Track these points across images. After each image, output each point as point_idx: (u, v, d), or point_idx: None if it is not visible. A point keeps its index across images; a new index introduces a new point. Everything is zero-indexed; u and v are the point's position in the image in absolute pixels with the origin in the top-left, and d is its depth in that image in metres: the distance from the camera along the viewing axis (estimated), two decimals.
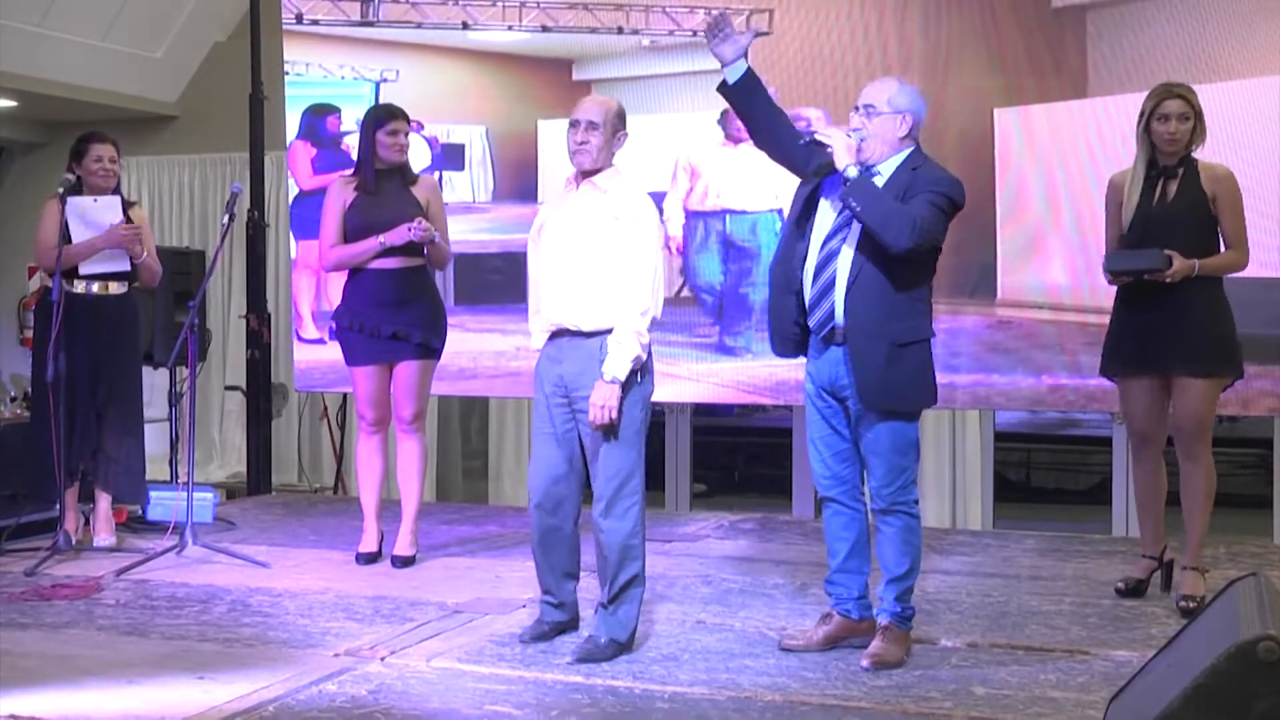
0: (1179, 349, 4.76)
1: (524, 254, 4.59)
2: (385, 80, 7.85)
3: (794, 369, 6.97)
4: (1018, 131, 6.73)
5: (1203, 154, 4.92)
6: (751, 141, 4.48)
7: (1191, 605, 4.71)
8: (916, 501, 4.26)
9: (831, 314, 4.15)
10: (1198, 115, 4.81)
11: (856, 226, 4.10)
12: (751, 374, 7.17)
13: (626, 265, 4.24)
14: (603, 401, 4.20)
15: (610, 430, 4.23)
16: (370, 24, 7.77)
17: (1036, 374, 6.57)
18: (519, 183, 7.60)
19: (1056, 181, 6.63)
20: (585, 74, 7.82)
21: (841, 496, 4.33)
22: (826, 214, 4.22)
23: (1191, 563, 4.90)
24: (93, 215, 5.83)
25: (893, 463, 4.17)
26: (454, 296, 7.54)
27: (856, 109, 4.23)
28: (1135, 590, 5.05)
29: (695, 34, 7.53)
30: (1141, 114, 4.87)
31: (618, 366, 4.20)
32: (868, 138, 4.17)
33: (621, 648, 4.31)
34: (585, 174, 4.35)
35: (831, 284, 4.14)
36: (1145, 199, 4.84)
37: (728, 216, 7.16)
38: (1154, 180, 4.86)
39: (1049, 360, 6.56)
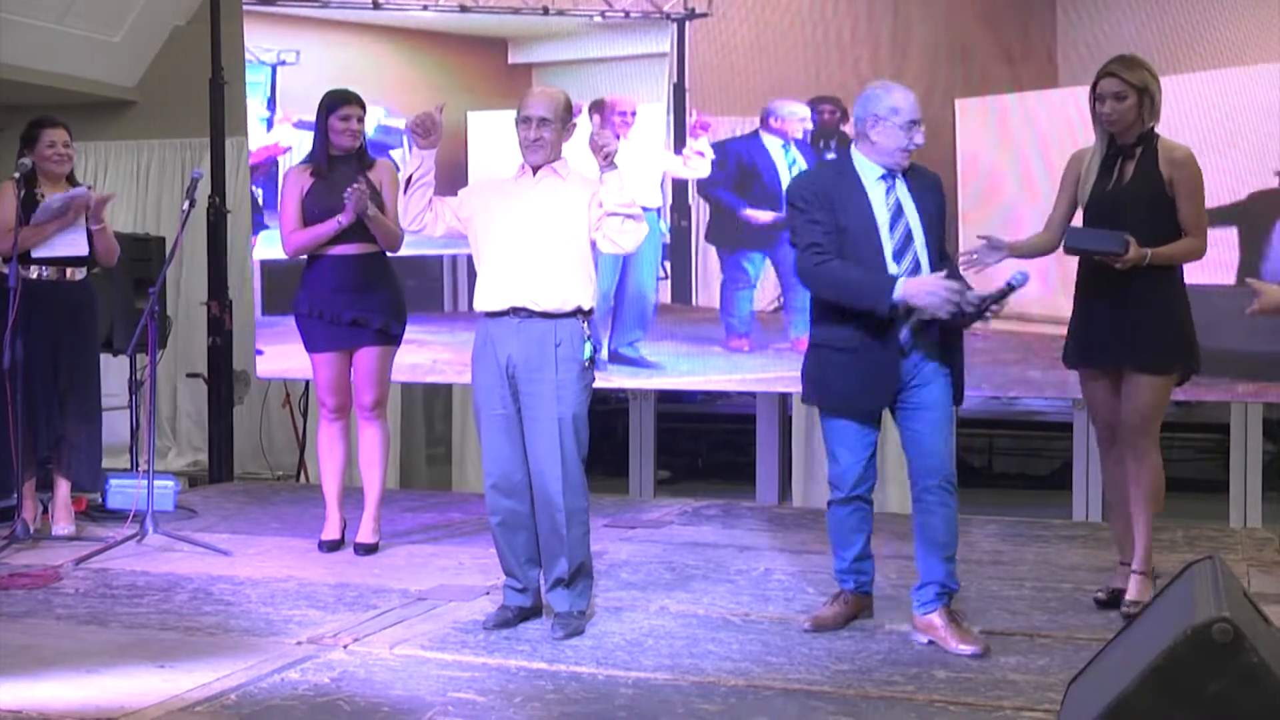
0: (1127, 343, 4.59)
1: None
2: (283, 63, 7.72)
3: (764, 361, 7.08)
4: (986, 123, 6.72)
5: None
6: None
7: (1134, 612, 4.36)
8: None
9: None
10: (1140, 91, 4.58)
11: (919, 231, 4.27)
12: (715, 362, 7.22)
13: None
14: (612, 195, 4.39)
15: (558, 400, 4.36)
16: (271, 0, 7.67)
17: (1004, 364, 6.61)
18: (446, 181, 7.22)
19: (1032, 172, 6.59)
20: (524, 56, 7.68)
21: (868, 493, 4.40)
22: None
23: (1139, 566, 4.67)
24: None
25: (950, 440, 4.32)
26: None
27: (918, 125, 4.28)
28: (1115, 600, 4.76)
29: (627, 15, 7.48)
30: (1089, 93, 4.70)
31: (613, 194, 4.40)
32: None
33: (586, 615, 4.52)
34: (538, 167, 4.46)
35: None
36: (1102, 180, 4.67)
37: None
38: (1112, 160, 4.68)
39: (1014, 349, 6.60)
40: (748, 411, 8.22)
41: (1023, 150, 6.66)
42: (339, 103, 5.62)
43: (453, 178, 7.19)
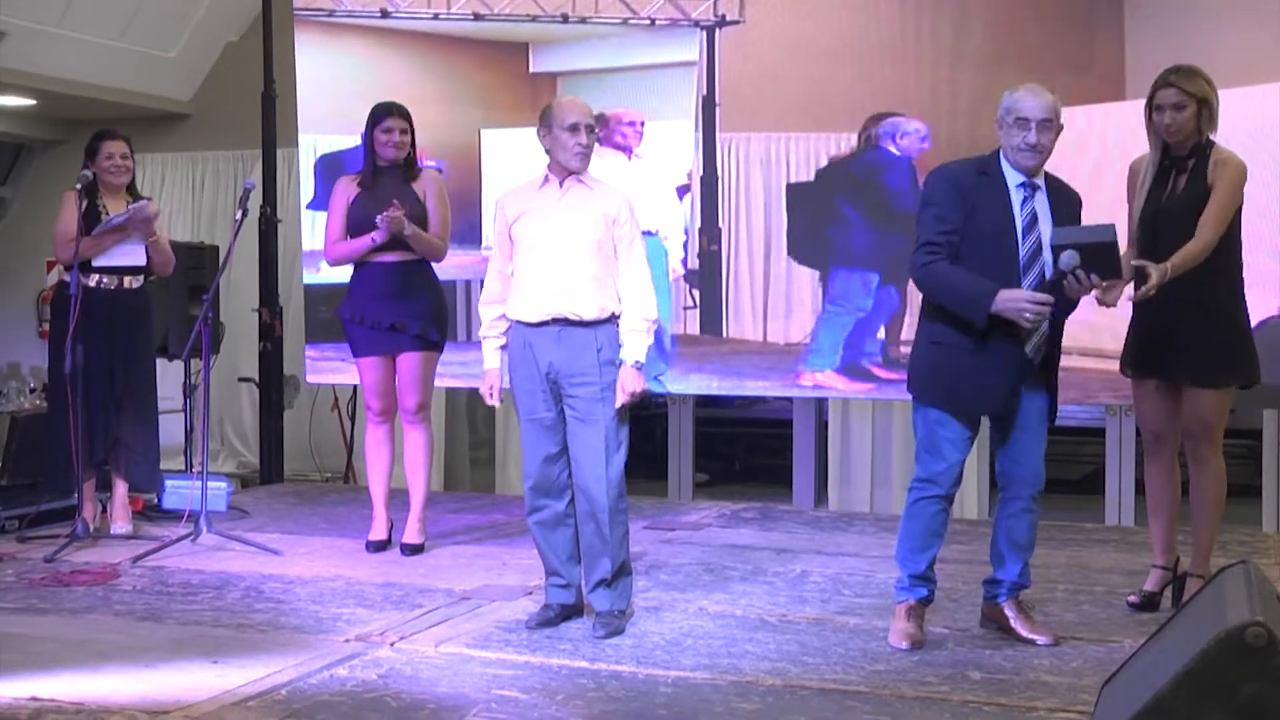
0: (1184, 357, 4.49)
1: None
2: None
3: (792, 362, 7.01)
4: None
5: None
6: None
7: None
8: None
9: None
10: (1199, 101, 4.47)
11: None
12: (753, 366, 7.14)
13: (630, 260, 4.46)
14: (633, 385, 4.39)
15: (624, 412, 4.41)
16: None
17: None
18: (457, 205, 6.43)
19: (1103, 185, 6.22)
20: (546, 65, 7.46)
21: (954, 494, 4.33)
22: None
23: (1198, 570, 4.64)
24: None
25: (1044, 452, 4.32)
26: None
27: (1028, 122, 4.14)
28: (1149, 603, 4.72)
29: (653, 22, 7.21)
30: (1146, 104, 4.60)
31: (638, 350, 4.42)
32: (1045, 152, 4.24)
33: (626, 615, 4.52)
34: (570, 171, 4.47)
35: None
36: (1155, 193, 4.58)
37: None
38: (1166, 172, 4.57)
39: None
40: (784, 416, 8.19)
41: (1090, 164, 6.32)
42: (383, 115, 5.65)
43: (466, 201, 7.18)
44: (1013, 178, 4.17)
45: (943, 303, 4.19)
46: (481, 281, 7.31)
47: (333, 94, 7.59)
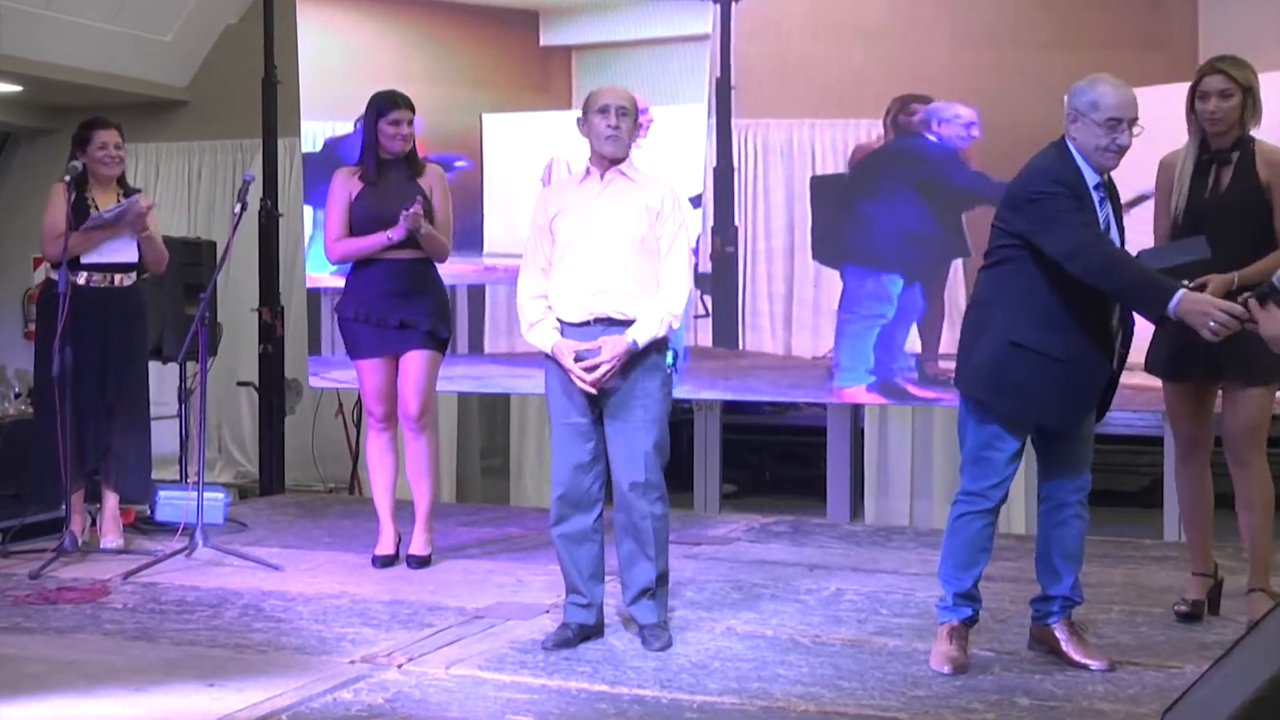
0: (1228, 354, 4.43)
1: None
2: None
3: (819, 378, 6.95)
4: None
5: None
6: None
7: None
8: None
9: None
10: (1246, 91, 4.47)
11: None
12: (773, 384, 7.06)
13: (671, 253, 4.50)
14: (612, 355, 4.37)
15: (597, 387, 4.39)
16: None
17: None
18: (459, 195, 6.47)
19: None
20: (559, 38, 7.33)
21: (1000, 507, 4.29)
22: None
23: (1259, 583, 4.62)
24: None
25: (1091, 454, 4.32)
26: None
27: (1120, 122, 4.02)
28: (1195, 612, 4.78)
29: None
30: (1189, 92, 4.59)
31: (641, 334, 4.41)
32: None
33: (668, 626, 4.58)
34: (611, 162, 4.50)
35: None
36: (1196, 188, 4.56)
37: None
38: (1206, 166, 4.57)
39: None
40: (817, 423, 8.17)
41: (1157, 152, 6.21)
42: (389, 106, 5.64)
43: (465, 196, 7.07)
44: (1090, 178, 4.08)
45: (1114, 287, 3.97)
46: (483, 287, 7.29)
47: (341, 78, 7.55)
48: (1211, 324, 3.81)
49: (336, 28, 7.70)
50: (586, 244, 4.47)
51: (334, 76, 7.53)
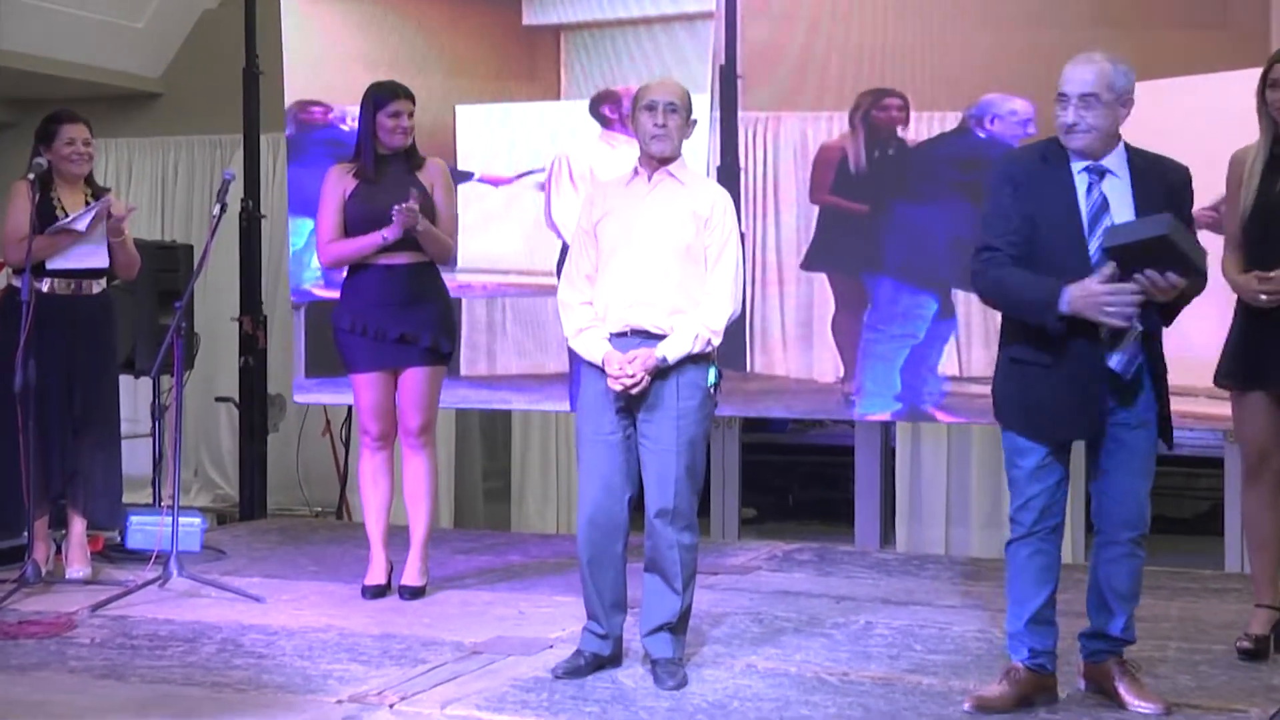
0: None
1: None
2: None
3: (840, 405, 6.90)
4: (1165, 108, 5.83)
5: None
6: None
7: None
8: None
9: None
10: None
11: None
12: (789, 410, 6.98)
13: (718, 264, 4.52)
14: (638, 368, 4.39)
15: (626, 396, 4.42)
16: None
17: None
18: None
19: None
20: (541, 16, 7.16)
21: (1050, 531, 4.25)
22: None
23: None
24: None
25: (1149, 488, 4.25)
26: None
27: (1067, 99, 4.08)
28: (1260, 649, 4.76)
29: None
30: (1260, 80, 4.61)
31: (673, 350, 4.43)
32: (1092, 128, 4.10)
33: (685, 663, 4.60)
34: (660, 162, 4.54)
35: None
36: (1266, 186, 4.59)
37: None
38: (1278, 161, 4.60)
39: None
40: (845, 442, 8.15)
41: (1227, 141, 5.88)
42: (388, 97, 5.65)
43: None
44: (1077, 162, 4.13)
45: (1010, 312, 4.19)
46: (458, 304, 7.20)
47: (339, 68, 7.52)
48: (1109, 309, 3.93)
49: (335, 16, 7.65)
50: (629, 251, 4.51)
51: (339, 69, 7.49)
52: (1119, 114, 4.09)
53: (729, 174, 6.82)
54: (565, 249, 6.70)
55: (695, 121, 4.61)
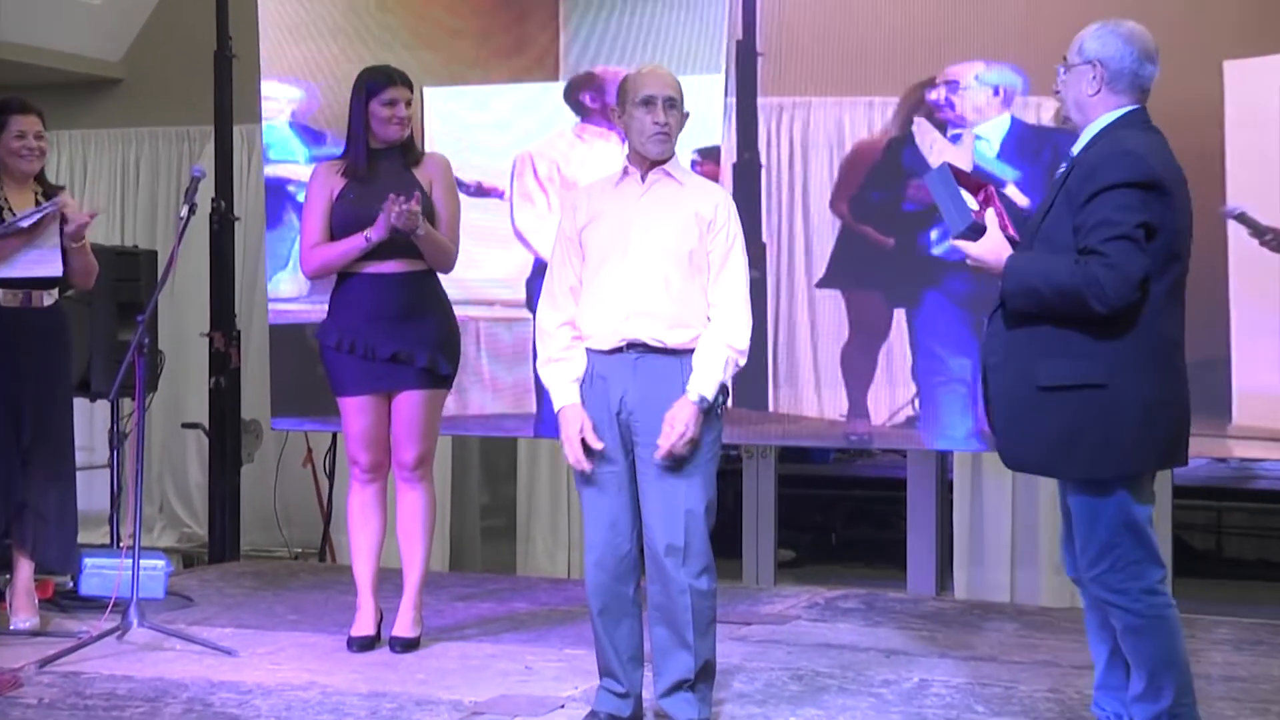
0: None
1: None
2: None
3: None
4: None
5: None
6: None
7: None
8: (1148, 592, 4.06)
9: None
10: None
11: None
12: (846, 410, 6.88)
13: (725, 271, 4.52)
14: (684, 425, 4.38)
15: (679, 464, 4.40)
16: None
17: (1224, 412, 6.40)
18: None
19: None
20: None
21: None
22: None
23: None
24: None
25: (1087, 535, 4.08)
26: None
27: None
28: None
29: None
30: None
31: (708, 385, 4.42)
32: (1064, 100, 4.16)
33: None
34: (655, 162, 4.55)
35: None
36: None
37: None
38: None
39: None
40: (895, 474, 8.15)
41: None
42: (382, 84, 5.64)
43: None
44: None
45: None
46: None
47: (340, 53, 7.50)
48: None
49: None
50: (623, 258, 4.50)
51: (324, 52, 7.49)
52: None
53: (748, 171, 6.64)
54: (539, 263, 6.75)
55: (688, 115, 4.61)
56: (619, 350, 4.50)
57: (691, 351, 4.48)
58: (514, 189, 7.11)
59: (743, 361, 4.53)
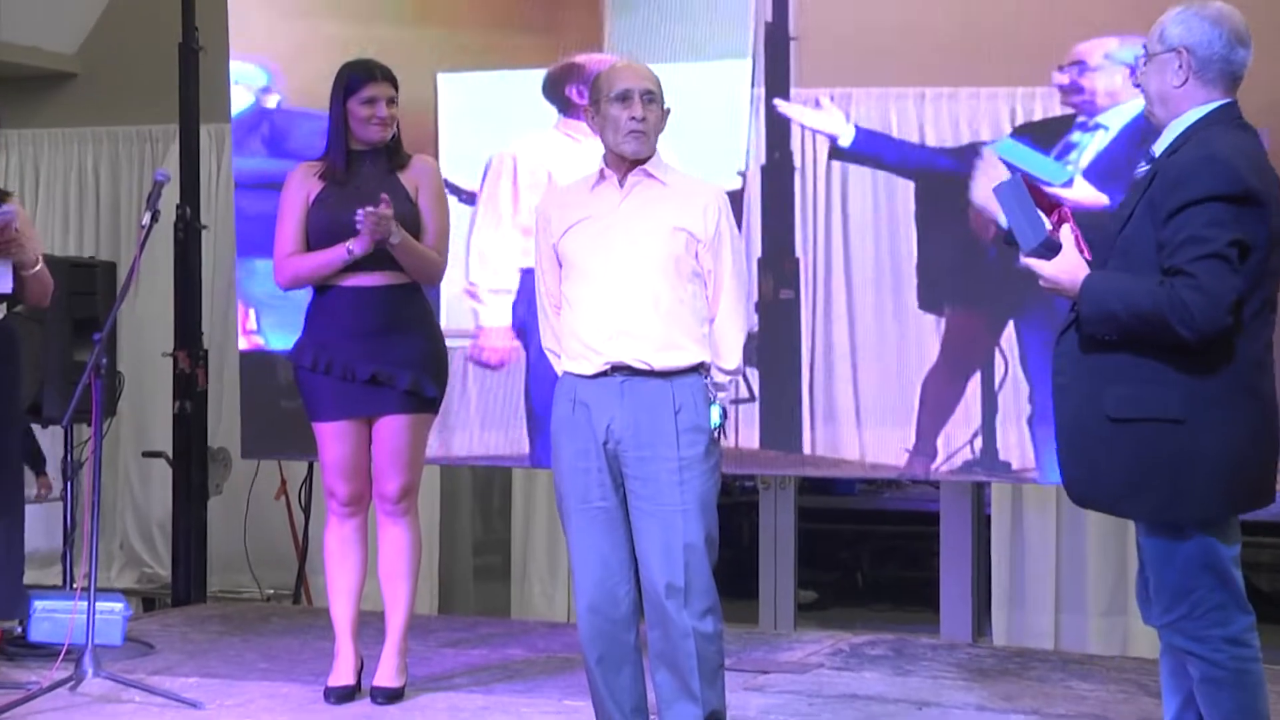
0: None
1: None
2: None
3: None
4: None
5: None
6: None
7: None
8: (1231, 641, 4.00)
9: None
10: None
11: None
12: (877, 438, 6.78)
13: (718, 280, 4.57)
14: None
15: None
16: None
17: None
18: None
19: None
20: None
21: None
22: None
23: None
24: None
25: (1160, 578, 4.02)
26: None
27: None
28: None
29: None
30: None
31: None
32: (1146, 93, 4.10)
33: None
34: (634, 162, 4.56)
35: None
36: None
37: None
38: None
39: None
40: (928, 507, 8.14)
41: None
42: (362, 79, 5.64)
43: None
44: None
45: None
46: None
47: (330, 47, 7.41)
48: None
49: None
50: (604, 272, 4.51)
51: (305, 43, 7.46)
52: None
53: (779, 173, 6.48)
54: (525, 274, 6.67)
55: (669, 111, 4.62)
56: (603, 374, 4.50)
57: (683, 373, 4.49)
58: (482, 194, 7.04)
59: (730, 382, 4.67)
